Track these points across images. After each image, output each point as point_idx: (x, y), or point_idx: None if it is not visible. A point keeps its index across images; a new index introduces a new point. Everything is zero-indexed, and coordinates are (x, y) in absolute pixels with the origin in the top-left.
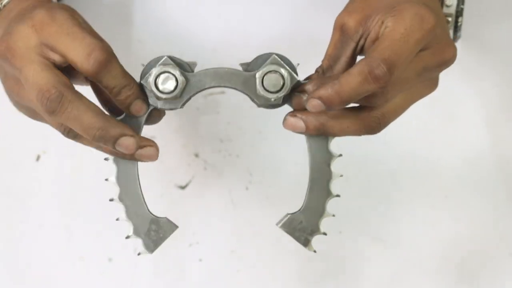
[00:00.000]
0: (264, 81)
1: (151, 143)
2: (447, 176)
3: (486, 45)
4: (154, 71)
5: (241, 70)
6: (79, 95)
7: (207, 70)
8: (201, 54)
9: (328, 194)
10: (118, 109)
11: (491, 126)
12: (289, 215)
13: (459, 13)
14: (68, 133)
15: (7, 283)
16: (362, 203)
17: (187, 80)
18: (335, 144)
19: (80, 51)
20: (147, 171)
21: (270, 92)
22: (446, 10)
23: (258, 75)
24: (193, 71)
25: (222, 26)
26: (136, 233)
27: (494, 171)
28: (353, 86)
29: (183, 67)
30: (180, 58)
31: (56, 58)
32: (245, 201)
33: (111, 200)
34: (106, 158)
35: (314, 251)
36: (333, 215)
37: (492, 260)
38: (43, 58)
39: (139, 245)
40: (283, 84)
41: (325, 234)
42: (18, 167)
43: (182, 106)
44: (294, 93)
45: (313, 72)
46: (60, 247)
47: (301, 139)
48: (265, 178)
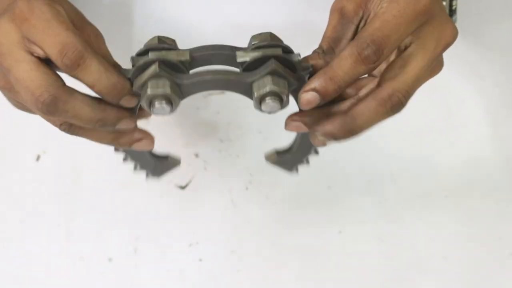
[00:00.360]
0: (262, 106)
1: (147, 136)
2: (447, 176)
3: (486, 43)
4: (148, 94)
5: (238, 71)
6: (72, 92)
7: (204, 77)
8: None
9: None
10: None
11: (491, 125)
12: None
13: None
14: (65, 129)
15: (7, 283)
16: (362, 203)
17: (182, 95)
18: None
19: (53, 48)
20: None
21: (270, 112)
22: None
23: (255, 96)
24: (188, 71)
25: (222, 26)
26: (142, 167)
27: (494, 171)
28: (345, 70)
29: (177, 68)
30: (172, 56)
31: (40, 52)
32: (245, 201)
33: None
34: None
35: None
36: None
37: (492, 260)
38: (29, 54)
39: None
40: (282, 106)
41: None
42: (18, 167)
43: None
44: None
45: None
46: (60, 247)
47: None
48: (265, 178)
